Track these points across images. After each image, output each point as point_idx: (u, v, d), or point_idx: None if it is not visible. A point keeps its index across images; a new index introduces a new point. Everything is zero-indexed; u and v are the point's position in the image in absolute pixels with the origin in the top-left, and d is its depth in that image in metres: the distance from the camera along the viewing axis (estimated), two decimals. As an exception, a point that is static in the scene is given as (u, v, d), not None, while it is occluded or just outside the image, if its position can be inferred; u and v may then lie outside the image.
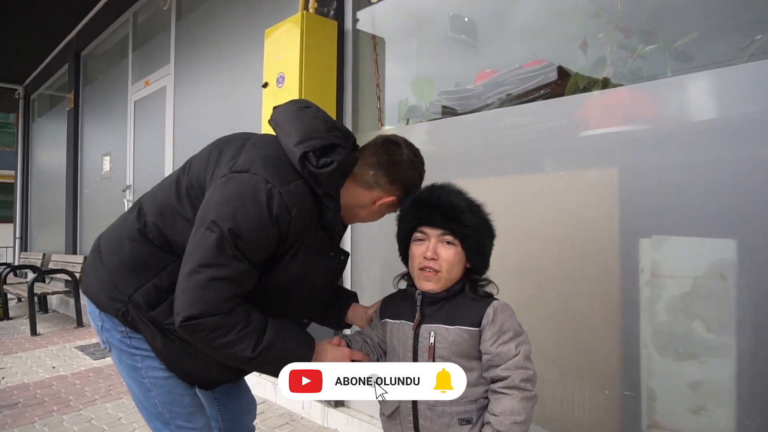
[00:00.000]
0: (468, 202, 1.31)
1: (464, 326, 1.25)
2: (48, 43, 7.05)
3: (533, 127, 2.07)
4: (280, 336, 1.24)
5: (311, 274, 1.32)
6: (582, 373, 1.91)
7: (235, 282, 1.17)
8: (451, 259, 1.27)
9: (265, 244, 1.19)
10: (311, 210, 1.24)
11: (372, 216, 1.41)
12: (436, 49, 2.73)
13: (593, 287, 1.88)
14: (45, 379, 3.91)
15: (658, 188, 1.75)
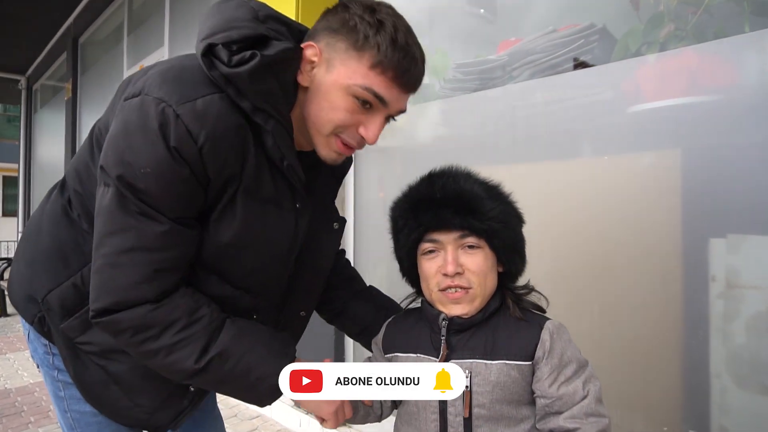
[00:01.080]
0: (485, 185, 0.98)
1: (511, 360, 0.92)
2: (47, 30, 6.87)
3: (571, 102, 1.74)
4: (242, 341, 0.89)
5: (265, 232, 0.93)
6: (634, 405, 1.58)
7: (154, 251, 0.82)
8: (480, 267, 0.94)
9: (178, 190, 0.82)
10: (235, 134, 0.84)
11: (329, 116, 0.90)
12: (451, 20, 2.39)
13: (649, 299, 1.55)
14: (28, 385, 3.68)
15: (733, 175, 1.40)
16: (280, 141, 0.88)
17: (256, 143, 0.87)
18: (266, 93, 0.85)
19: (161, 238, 0.82)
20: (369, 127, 0.90)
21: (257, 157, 0.88)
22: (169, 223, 0.83)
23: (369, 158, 2.49)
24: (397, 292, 1.19)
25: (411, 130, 2.36)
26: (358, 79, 0.85)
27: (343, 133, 0.90)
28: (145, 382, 0.99)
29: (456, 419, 0.92)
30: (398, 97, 0.90)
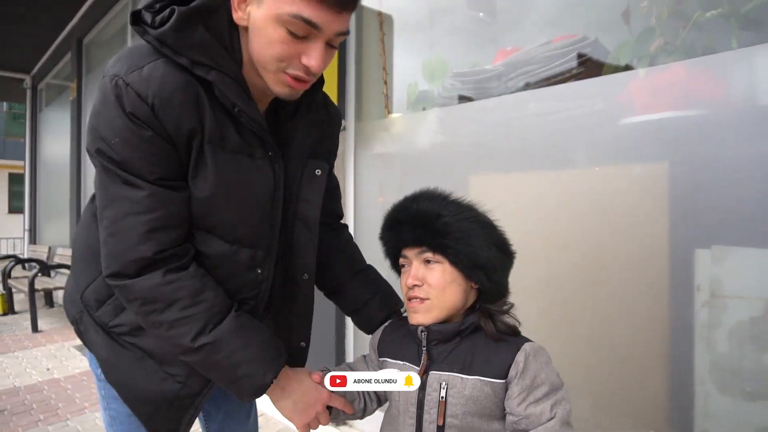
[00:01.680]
0: (446, 203, 1.03)
1: (486, 377, 0.96)
2: (52, 30, 6.88)
3: (564, 113, 1.76)
4: (239, 337, 0.94)
5: (243, 182, 0.96)
6: (621, 411, 1.62)
7: (143, 214, 0.88)
8: (438, 281, 1.00)
9: (149, 151, 0.87)
10: (183, 90, 0.87)
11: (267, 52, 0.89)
12: (450, 26, 2.42)
13: (636, 308, 1.58)
14: (37, 383, 3.75)
15: (719, 187, 1.44)
16: (226, 89, 0.89)
17: (210, 97, 0.90)
18: (198, 45, 0.87)
19: (147, 201, 0.88)
20: (311, 54, 0.88)
21: (214, 110, 0.90)
22: (150, 187, 0.88)
23: (368, 164, 2.53)
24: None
25: (410, 137, 2.40)
26: (285, 7, 0.83)
27: (288, 67, 0.89)
28: None
29: (430, 426, 0.97)
30: (332, 19, 0.85)
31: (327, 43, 0.89)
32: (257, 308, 1.06)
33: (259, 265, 1.03)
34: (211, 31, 0.88)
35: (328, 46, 0.90)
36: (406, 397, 1.02)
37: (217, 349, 0.93)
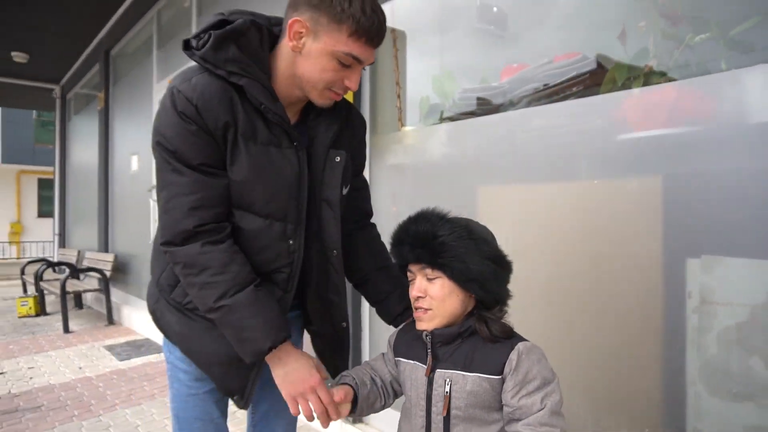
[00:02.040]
0: (441, 225, 1.12)
1: (484, 374, 1.08)
2: (81, 42, 7.14)
3: (564, 129, 1.85)
4: (252, 306, 1.12)
5: (271, 166, 1.17)
6: (618, 409, 1.70)
7: (187, 195, 1.11)
8: (437, 293, 1.12)
9: (193, 142, 1.11)
10: (220, 94, 1.11)
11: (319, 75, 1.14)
12: (461, 42, 2.52)
13: (632, 313, 1.66)
14: (70, 381, 3.94)
15: (709, 200, 1.51)
16: (254, 91, 1.12)
17: (242, 100, 1.13)
18: (232, 59, 1.11)
19: (190, 185, 1.11)
20: (352, 78, 1.15)
21: (246, 110, 1.14)
22: (193, 174, 1.11)
23: (383, 175, 2.65)
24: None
25: (422, 150, 2.51)
26: (341, 47, 1.09)
27: (333, 87, 1.15)
28: None
29: (437, 417, 1.10)
30: (370, 54, 1.14)
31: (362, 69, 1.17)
32: (292, 278, 1.24)
33: (290, 237, 1.21)
34: (241, 48, 1.13)
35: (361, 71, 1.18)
36: (417, 392, 1.15)
37: (232, 312, 1.11)
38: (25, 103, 11.28)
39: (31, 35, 6.65)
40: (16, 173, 16.35)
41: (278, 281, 1.22)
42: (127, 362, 4.42)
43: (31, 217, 16.68)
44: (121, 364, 4.38)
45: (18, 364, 4.40)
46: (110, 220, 6.78)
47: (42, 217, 16.54)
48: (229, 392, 1.25)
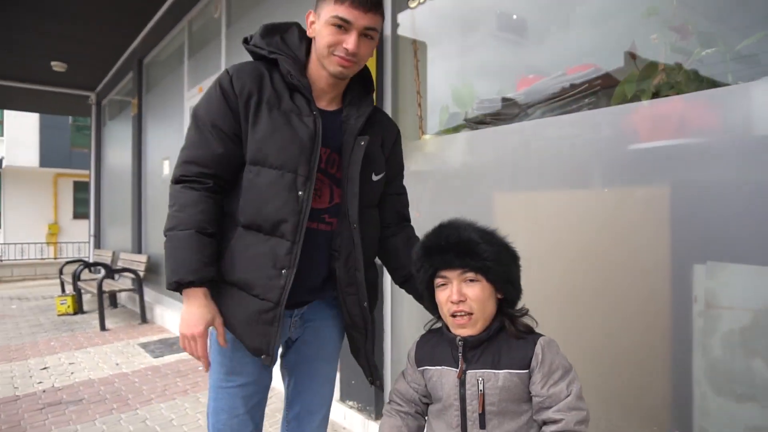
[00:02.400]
0: (480, 232, 1.25)
1: (513, 369, 1.19)
2: (115, 51, 7.41)
3: (577, 139, 1.93)
4: (186, 247, 1.31)
5: (290, 128, 1.35)
6: (628, 408, 1.77)
7: (187, 149, 1.38)
8: (479, 296, 1.21)
9: (216, 106, 1.36)
10: (251, 69, 1.38)
11: (322, 42, 1.37)
12: (480, 51, 2.61)
13: (641, 316, 1.74)
14: (108, 376, 4.14)
15: (714, 209, 1.58)
16: (286, 64, 1.38)
17: (273, 76, 1.39)
18: (275, 44, 1.42)
19: (194, 143, 1.36)
20: (348, 41, 1.33)
21: (276, 84, 1.38)
22: (201, 134, 1.35)
23: (406, 182, 2.75)
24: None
25: (442, 157, 2.61)
26: (331, 12, 1.32)
27: (335, 50, 1.34)
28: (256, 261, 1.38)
29: (473, 414, 1.20)
30: (359, 16, 1.31)
31: (362, 35, 1.34)
32: (299, 228, 1.35)
33: (299, 188, 1.34)
34: (284, 40, 1.43)
35: (364, 37, 1.35)
36: (449, 394, 1.23)
37: (170, 242, 1.33)
38: (63, 109, 11.71)
39: (69, 46, 6.96)
40: (53, 176, 16.94)
41: (286, 232, 1.34)
42: (161, 359, 4.62)
43: (67, 219, 17.24)
44: (155, 360, 4.58)
45: (59, 359, 4.64)
46: (143, 223, 7.04)
47: (77, 218, 17.08)
48: (257, 351, 1.37)
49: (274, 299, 1.34)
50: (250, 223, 1.37)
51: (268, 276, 1.34)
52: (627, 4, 1.95)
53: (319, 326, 1.56)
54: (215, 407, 1.46)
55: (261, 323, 1.35)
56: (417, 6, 2.74)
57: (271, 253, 1.34)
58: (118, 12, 5.89)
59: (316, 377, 1.59)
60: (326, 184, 1.43)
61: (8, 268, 12.13)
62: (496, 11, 2.47)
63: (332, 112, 1.45)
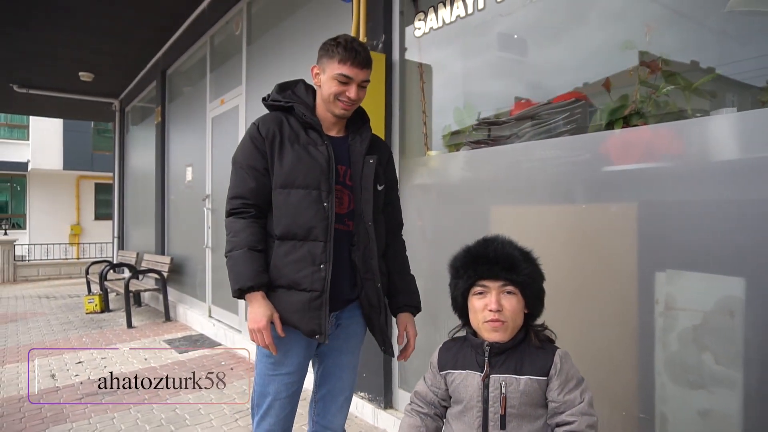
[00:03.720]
0: (522, 251, 1.39)
1: (534, 376, 1.30)
2: (139, 62, 7.78)
3: (560, 160, 2.20)
4: (240, 261, 1.65)
5: (308, 156, 1.69)
6: (604, 394, 2.02)
7: (233, 188, 1.74)
8: (514, 308, 1.33)
9: (248, 151, 1.72)
10: (274, 118, 1.75)
11: (329, 91, 1.71)
12: (480, 75, 2.87)
13: (612, 316, 1.99)
14: (138, 370, 4.46)
15: (673, 224, 1.83)
16: (299, 109, 1.74)
17: (290, 120, 1.74)
18: (288, 96, 1.79)
19: (236, 182, 1.73)
20: (350, 90, 1.69)
21: (293, 125, 1.73)
22: (240, 172, 1.72)
23: (410, 194, 3.03)
24: (433, 300, 1.76)
25: (443, 173, 2.88)
26: (335, 71, 1.68)
27: (339, 97, 1.69)
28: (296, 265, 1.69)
29: (495, 416, 1.30)
30: (358, 73, 1.69)
31: (358, 86, 1.71)
32: (329, 230, 1.67)
33: (324, 200, 1.68)
34: (294, 92, 1.82)
35: (359, 87, 1.71)
36: (472, 396, 1.33)
37: (230, 260, 1.67)
38: (88, 115, 12.18)
39: (96, 57, 7.34)
40: (76, 179, 17.45)
41: (318, 235, 1.66)
42: (186, 354, 4.95)
43: (88, 220, 17.73)
44: (180, 356, 4.91)
45: (92, 354, 4.98)
46: (166, 226, 7.37)
47: (98, 219, 17.58)
48: (312, 333, 1.67)
49: (319, 288, 1.65)
50: (285, 233, 1.68)
51: (311, 272, 1.66)
52: (609, 36, 2.20)
53: (347, 324, 1.84)
54: (262, 391, 1.77)
55: (312, 309, 1.66)
56: (422, 36, 3.02)
57: (309, 254, 1.66)
58: (143, 27, 6.25)
59: (341, 365, 1.88)
60: (345, 193, 1.75)
61: (34, 268, 12.57)
62: (494, 40, 2.73)
63: (340, 138, 1.81)
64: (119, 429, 3.18)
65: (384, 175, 1.88)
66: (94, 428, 3.19)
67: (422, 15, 2.99)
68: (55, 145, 16.50)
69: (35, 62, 7.51)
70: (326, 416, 1.90)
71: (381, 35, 3.12)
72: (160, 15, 5.92)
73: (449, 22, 2.81)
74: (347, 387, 1.92)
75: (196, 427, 3.19)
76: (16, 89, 8.69)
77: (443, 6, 2.84)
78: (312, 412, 1.93)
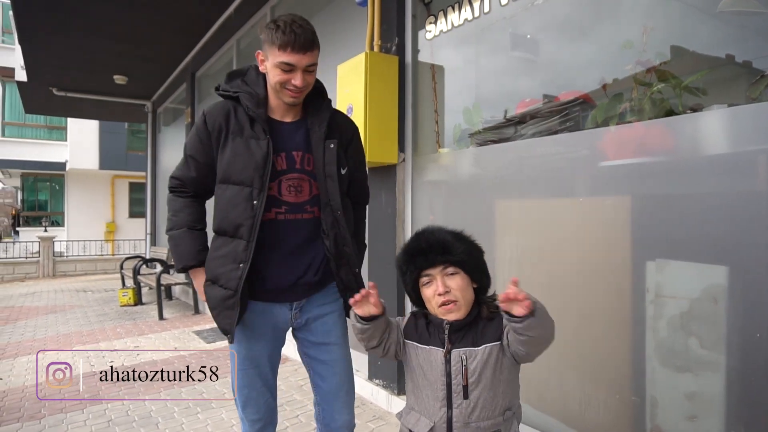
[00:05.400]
0: (453, 233, 1.47)
1: (489, 343, 1.39)
2: (170, 65, 8.09)
3: (559, 156, 2.30)
4: (180, 241, 1.76)
5: (249, 148, 1.65)
6: (598, 379, 2.13)
7: (177, 170, 1.81)
8: (459, 285, 1.42)
9: (193, 142, 1.74)
10: (222, 108, 1.72)
11: (274, 80, 1.64)
12: (488, 76, 2.98)
13: (607, 303, 2.10)
14: (169, 358, 4.72)
15: (664, 216, 1.93)
16: (244, 99, 1.69)
17: (236, 111, 1.70)
18: (236, 85, 1.74)
19: (181, 165, 1.79)
20: (294, 78, 1.61)
21: (239, 117, 1.69)
22: (186, 158, 1.76)
23: (422, 189, 3.17)
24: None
25: (453, 169, 3.01)
26: (276, 58, 1.59)
27: (286, 85, 1.62)
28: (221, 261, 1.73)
29: (458, 387, 1.38)
30: (300, 58, 1.59)
31: (304, 71, 1.62)
32: (254, 229, 1.63)
33: (254, 198, 1.64)
34: (244, 80, 1.75)
35: (306, 72, 1.63)
36: (435, 370, 1.41)
37: (172, 240, 1.79)
38: (121, 116, 12.64)
39: (130, 62, 7.68)
40: (111, 178, 18.08)
41: (243, 233, 1.64)
42: (213, 344, 5.18)
43: (123, 218, 18.33)
44: (208, 345, 5.15)
45: (126, 343, 5.27)
46: (195, 222, 7.62)
47: (132, 217, 18.16)
48: (224, 331, 1.71)
49: (233, 288, 1.65)
50: (217, 229, 1.72)
51: (229, 269, 1.65)
52: (612, 36, 2.29)
53: (319, 316, 1.82)
54: (238, 384, 1.79)
55: (226, 308, 1.67)
56: (433, 38, 3.15)
57: (233, 251, 1.65)
58: (173, 32, 6.52)
59: (330, 360, 1.83)
60: (305, 180, 1.71)
61: (72, 263, 13.11)
62: (500, 42, 2.84)
63: (297, 122, 1.75)
64: (149, 410, 3.41)
65: (346, 157, 1.82)
66: (127, 409, 3.43)
67: (433, 18, 3.12)
68: (92, 146, 17.10)
69: (73, 67, 7.89)
70: (330, 416, 1.85)
71: (394, 38, 3.26)
72: (189, 20, 6.17)
73: (458, 25, 2.94)
74: (344, 381, 1.86)
75: (220, 410, 3.40)
76: (55, 92, 9.14)
77: (452, 10, 2.96)
78: (317, 415, 1.90)
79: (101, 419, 3.27)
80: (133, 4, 5.58)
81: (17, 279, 11.96)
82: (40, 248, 12.45)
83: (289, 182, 1.69)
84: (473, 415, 1.37)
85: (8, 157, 17.19)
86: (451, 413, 1.38)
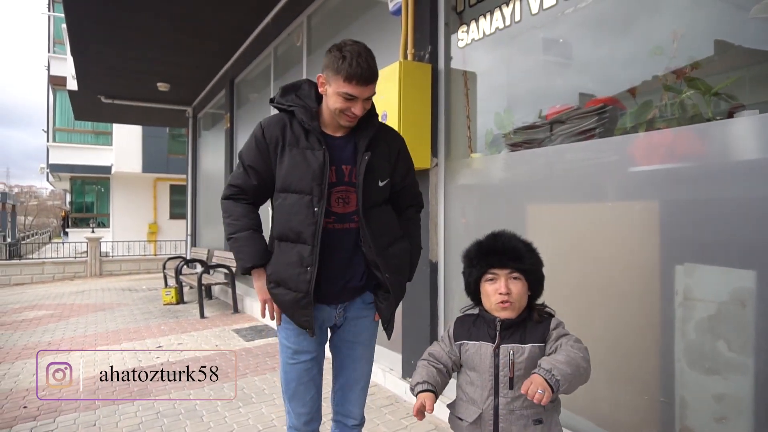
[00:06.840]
0: (525, 244, 1.61)
1: (535, 343, 1.53)
2: (210, 72, 8.39)
3: (589, 162, 2.35)
4: (245, 242, 1.82)
5: (305, 159, 1.76)
6: (627, 380, 2.17)
7: (234, 179, 1.88)
8: (519, 291, 1.56)
9: (252, 152, 1.83)
10: (278, 121, 1.82)
11: (334, 106, 1.73)
12: (519, 82, 3.03)
13: (636, 306, 2.14)
14: (210, 354, 4.92)
15: (691, 220, 1.97)
16: (299, 113, 1.79)
17: (291, 123, 1.80)
18: (291, 100, 1.83)
19: (238, 174, 1.87)
20: (354, 108, 1.72)
21: (294, 129, 1.79)
22: (242, 168, 1.85)
23: (455, 194, 3.24)
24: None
25: (485, 174, 3.08)
26: (341, 88, 1.69)
27: (345, 112, 1.72)
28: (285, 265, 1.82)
29: (505, 378, 1.51)
30: (362, 90, 1.70)
31: (363, 100, 1.73)
32: (317, 234, 1.74)
33: (315, 206, 1.75)
34: (298, 95, 1.85)
35: (364, 101, 1.74)
36: (484, 363, 1.54)
37: (238, 242, 1.83)
38: (164, 121, 13.10)
39: (172, 69, 8.01)
40: (153, 181, 18.74)
41: (306, 238, 1.75)
42: (252, 342, 5.37)
43: (164, 219, 18.95)
44: (247, 344, 5.34)
45: (170, 340, 5.51)
46: (234, 224, 7.86)
47: (173, 218, 18.76)
48: (302, 326, 1.82)
49: (303, 290, 1.77)
50: (279, 235, 1.81)
51: (297, 273, 1.77)
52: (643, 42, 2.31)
53: (357, 318, 1.95)
54: (286, 378, 1.92)
55: (301, 308, 1.79)
56: (465, 46, 3.22)
57: (298, 255, 1.76)
58: (213, 41, 6.78)
59: (355, 357, 1.99)
60: (352, 191, 1.81)
61: (117, 263, 13.63)
62: (530, 50, 2.90)
63: (347, 137, 1.84)
64: (194, 404, 3.60)
65: (396, 168, 1.92)
66: (173, 402, 3.63)
67: (465, 27, 3.19)
68: (135, 150, 17.74)
69: (119, 75, 8.27)
70: (345, 405, 2.02)
71: (428, 46, 3.35)
72: (228, 29, 6.41)
73: (489, 33, 3.01)
74: (362, 377, 2.02)
75: (260, 405, 3.56)
76: (103, 100, 9.59)
77: (484, 18, 3.04)
78: (333, 401, 2.05)
79: (149, 411, 3.47)
80: (176, 15, 5.85)
81: (67, 278, 12.51)
82: (88, 248, 12.99)
83: (339, 194, 1.80)
84: (517, 403, 1.50)
85: (58, 162, 18.02)
86: (497, 401, 1.52)
